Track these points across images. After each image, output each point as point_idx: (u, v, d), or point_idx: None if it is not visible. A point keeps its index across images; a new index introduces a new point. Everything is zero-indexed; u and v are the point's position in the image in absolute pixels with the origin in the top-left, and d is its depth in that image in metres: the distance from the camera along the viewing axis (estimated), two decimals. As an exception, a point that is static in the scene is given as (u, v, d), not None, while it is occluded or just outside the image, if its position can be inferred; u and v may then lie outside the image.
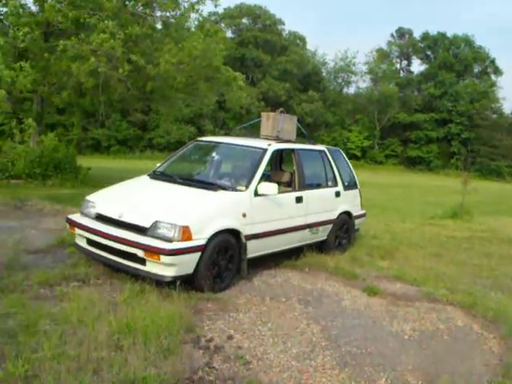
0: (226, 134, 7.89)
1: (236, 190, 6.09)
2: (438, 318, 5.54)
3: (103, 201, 6.11)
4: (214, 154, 7.20)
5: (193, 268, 5.39)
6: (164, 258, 5.15)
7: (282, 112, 7.57)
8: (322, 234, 7.48)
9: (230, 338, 4.60)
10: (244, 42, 49.99)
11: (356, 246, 8.40)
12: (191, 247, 5.29)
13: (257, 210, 6.10)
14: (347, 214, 7.95)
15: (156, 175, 6.80)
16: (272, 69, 49.37)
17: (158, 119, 41.49)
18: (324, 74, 56.54)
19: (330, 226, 7.58)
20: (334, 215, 7.62)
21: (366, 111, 52.62)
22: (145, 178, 6.80)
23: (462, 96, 52.01)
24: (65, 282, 5.63)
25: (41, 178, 15.89)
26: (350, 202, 8.06)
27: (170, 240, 5.24)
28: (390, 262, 7.74)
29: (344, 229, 7.96)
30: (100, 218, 5.90)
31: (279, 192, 6.45)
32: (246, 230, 5.92)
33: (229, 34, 49.13)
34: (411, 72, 59.62)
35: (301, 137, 8.46)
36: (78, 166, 17.55)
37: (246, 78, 49.15)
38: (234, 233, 5.81)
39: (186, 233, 5.27)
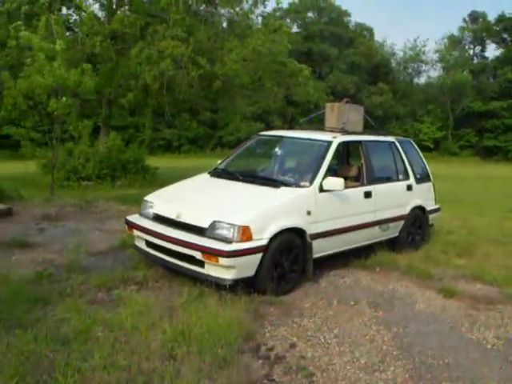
0: (290, 128, 7.48)
1: (300, 186, 5.74)
2: (525, 324, 4.97)
3: (161, 201, 5.92)
4: (276, 149, 6.88)
5: (254, 270, 5.09)
6: (223, 260, 4.88)
7: (347, 102, 7.14)
8: (393, 231, 7.01)
9: (293, 346, 4.26)
10: (310, 35, 49.27)
11: (430, 242, 7.83)
12: (252, 248, 4.99)
13: (322, 206, 5.72)
14: (420, 208, 7.42)
15: (216, 173, 6.56)
16: (339, 62, 48.49)
17: (226, 118, 41.64)
18: (393, 64, 54.95)
19: (401, 222, 7.08)
20: (405, 210, 7.12)
21: (438, 101, 50.61)
22: (205, 176, 6.57)
23: (542, 79, 49.09)
24: (123, 284, 5.48)
25: (110, 179, 16.16)
26: (423, 195, 7.51)
27: (229, 241, 4.96)
28: (467, 259, 7.15)
29: (417, 225, 7.43)
30: (158, 218, 5.72)
31: (346, 187, 6.06)
32: (311, 229, 5.56)
33: (294, 29, 48.53)
34: (485, 57, 56.69)
35: (369, 128, 8.00)
36: (145, 165, 17.73)
37: (314, 72, 48.53)
38: (298, 232, 5.46)
39: (245, 233, 4.97)
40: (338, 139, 6.30)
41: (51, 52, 10.09)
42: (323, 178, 5.76)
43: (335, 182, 5.71)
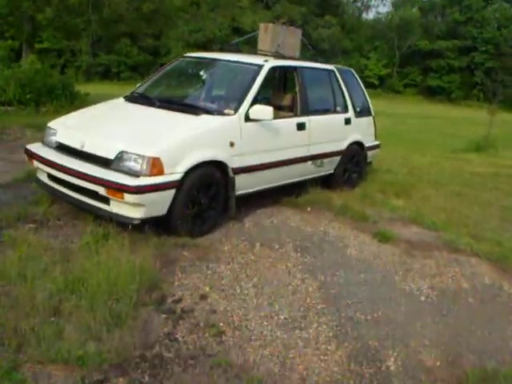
0: (221, 50, 6.66)
1: (222, 114, 5.03)
2: (461, 272, 4.57)
3: (65, 127, 5.11)
4: (201, 73, 6.11)
5: (166, 208, 4.44)
6: (128, 197, 4.20)
7: (283, 24, 6.39)
8: (328, 167, 6.46)
9: (204, 297, 3.70)
10: (258, -39, 47.24)
11: (368, 181, 7.38)
12: (163, 183, 4.31)
13: (248, 138, 5.06)
14: (358, 144, 6.88)
15: (132, 97, 5.74)
16: (287, -9, 46.85)
17: (168, 44, 39.91)
18: (342, -3, 53.70)
19: (337, 158, 6.54)
20: (342, 145, 6.56)
21: (386, 38, 50.08)
22: (119, 101, 5.75)
23: (488, 22, 49.18)
24: (19, 223, 4.74)
25: (34, 105, 14.92)
26: (363, 130, 6.96)
27: (137, 174, 4.27)
28: (405, 200, 6.71)
29: (354, 161, 6.91)
30: (61, 147, 4.94)
31: (278, 117, 5.47)
32: (233, 162, 4.92)
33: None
34: (435, -4, 56.25)
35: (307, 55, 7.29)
36: (75, 91, 16.53)
37: (261, 1, 46.92)
38: (218, 165, 4.81)
39: (156, 166, 4.28)
40: (269, 63, 5.57)
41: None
42: (250, 106, 5.08)
43: (263, 111, 5.03)
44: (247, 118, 5.04)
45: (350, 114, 6.68)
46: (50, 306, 3.30)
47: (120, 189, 4.20)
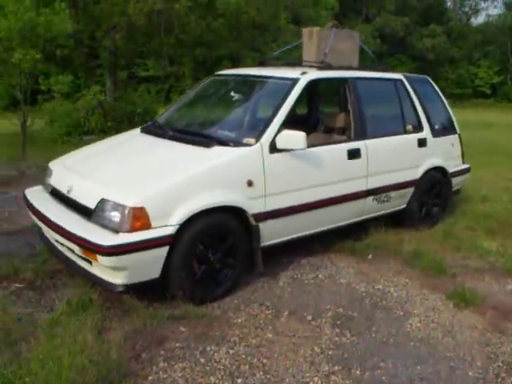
0: (261, 64, 5.54)
1: (240, 145, 3.92)
2: None
3: (62, 168, 4.28)
4: (229, 93, 5.06)
5: (158, 271, 3.43)
6: (103, 259, 3.25)
7: (333, 26, 5.20)
8: (397, 202, 5.16)
9: (177, 406, 2.63)
10: (357, -26, 45.91)
11: (455, 214, 5.93)
12: (148, 240, 3.30)
13: (274, 173, 3.92)
14: (439, 170, 5.52)
15: (149, 128, 4.81)
16: (388, 2, 45.00)
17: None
18: (448, 3, 50.79)
19: (410, 190, 5.23)
20: (416, 174, 5.22)
21: (498, 42, 46.43)
22: (133, 133, 4.86)
23: None
24: (6, 282, 3.98)
25: (114, 133, 14.77)
26: (444, 153, 5.55)
27: (116, 229, 3.31)
28: (501, 241, 5.16)
29: (434, 192, 5.54)
30: (53, 192, 4.14)
31: (328, 143, 4.51)
32: (255, 207, 3.82)
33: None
34: (556, -8, 51.63)
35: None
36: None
37: (360, 14, 45.40)
38: (234, 211, 3.74)
39: (139, 218, 3.29)
40: (307, 76, 4.38)
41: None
42: (277, 132, 3.95)
43: (292, 138, 3.86)
44: (273, 148, 3.92)
45: (426, 133, 5.33)
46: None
47: (92, 249, 3.26)
